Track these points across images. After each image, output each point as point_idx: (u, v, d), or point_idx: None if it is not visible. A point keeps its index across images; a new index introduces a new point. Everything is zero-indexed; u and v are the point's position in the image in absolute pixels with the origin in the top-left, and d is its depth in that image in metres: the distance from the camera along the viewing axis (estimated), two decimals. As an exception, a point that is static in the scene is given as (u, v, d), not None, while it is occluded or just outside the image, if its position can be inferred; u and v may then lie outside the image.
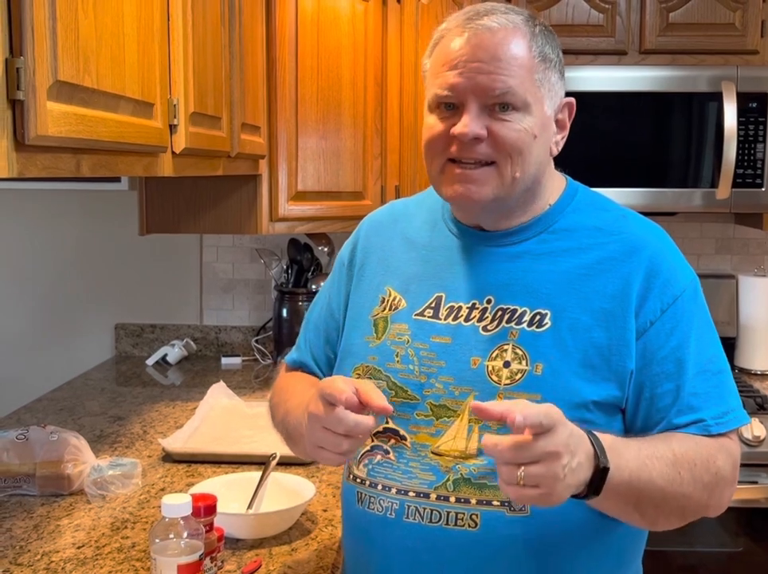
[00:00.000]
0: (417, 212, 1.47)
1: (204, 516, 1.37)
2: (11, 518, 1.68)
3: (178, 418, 2.37)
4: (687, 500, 1.22)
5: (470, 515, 1.24)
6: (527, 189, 1.30)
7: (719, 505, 1.27)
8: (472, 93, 1.24)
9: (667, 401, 1.24)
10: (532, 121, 1.26)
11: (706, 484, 1.22)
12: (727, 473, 1.25)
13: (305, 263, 2.96)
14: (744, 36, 2.66)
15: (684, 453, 1.20)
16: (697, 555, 2.46)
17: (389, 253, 1.43)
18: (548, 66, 1.28)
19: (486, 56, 1.24)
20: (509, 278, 1.30)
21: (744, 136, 2.57)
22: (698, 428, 1.24)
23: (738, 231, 3.10)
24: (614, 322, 1.25)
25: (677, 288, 1.27)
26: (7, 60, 1.01)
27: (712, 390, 1.26)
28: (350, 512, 1.38)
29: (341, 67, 2.62)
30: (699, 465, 1.21)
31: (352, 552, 1.42)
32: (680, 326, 1.26)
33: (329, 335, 1.49)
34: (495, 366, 1.26)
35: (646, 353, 1.25)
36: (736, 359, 2.91)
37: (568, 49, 2.70)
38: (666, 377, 1.25)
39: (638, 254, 1.28)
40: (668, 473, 1.18)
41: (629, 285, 1.26)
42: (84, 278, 3.17)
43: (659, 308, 1.26)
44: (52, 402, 2.51)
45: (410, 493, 1.27)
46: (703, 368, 1.26)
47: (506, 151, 1.25)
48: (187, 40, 1.69)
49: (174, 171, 1.67)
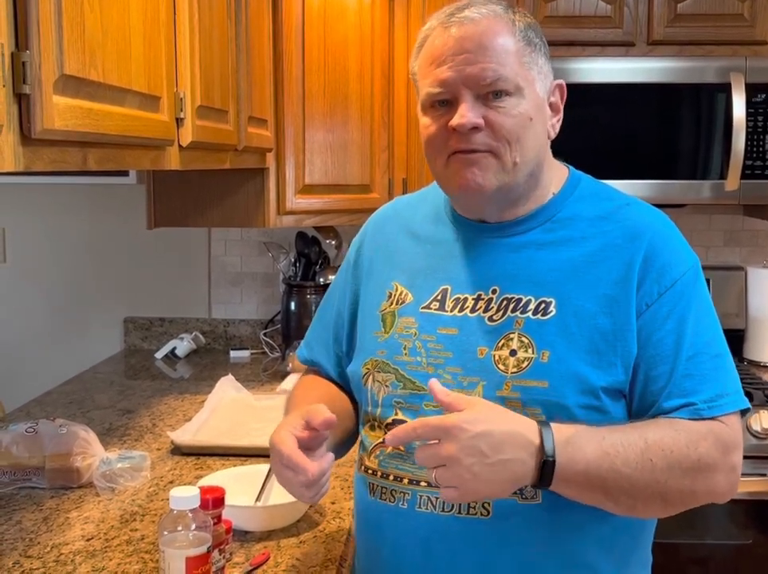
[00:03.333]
0: (420, 207, 1.48)
1: (212, 509, 1.37)
2: (21, 511, 1.69)
3: (187, 411, 2.37)
4: (664, 486, 1.19)
5: (482, 503, 1.24)
6: (530, 174, 1.30)
7: (711, 492, 1.23)
8: (463, 85, 1.25)
9: (660, 384, 1.24)
10: (527, 104, 1.27)
11: (685, 470, 1.19)
12: (714, 459, 1.21)
13: (313, 256, 2.96)
14: (753, 26, 2.64)
15: (659, 440, 1.19)
16: (706, 547, 2.46)
17: (394, 249, 1.44)
18: (534, 49, 1.29)
19: (472, 46, 1.25)
20: (513, 268, 1.31)
21: (753, 127, 2.55)
22: (688, 412, 1.22)
23: (747, 223, 3.08)
24: (618, 308, 1.25)
25: (676, 272, 1.27)
26: (13, 55, 1.01)
27: (708, 373, 1.25)
28: (362, 503, 1.39)
29: (348, 60, 2.62)
30: (675, 452, 1.18)
31: (364, 543, 1.43)
32: (677, 309, 1.25)
33: (337, 332, 1.51)
34: (501, 355, 1.26)
35: (642, 335, 1.25)
36: (745, 352, 2.90)
37: (575, 41, 2.70)
38: (661, 360, 1.24)
39: (639, 239, 1.28)
40: (636, 461, 1.16)
41: (631, 269, 1.26)
42: (92, 272, 3.18)
43: (656, 292, 1.26)
44: (62, 395, 2.52)
45: (422, 483, 1.28)
46: (699, 351, 1.25)
47: (504, 137, 1.25)
48: (194, 33, 1.68)
49: (181, 165, 1.67)
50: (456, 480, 1.11)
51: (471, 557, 1.26)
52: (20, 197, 3.14)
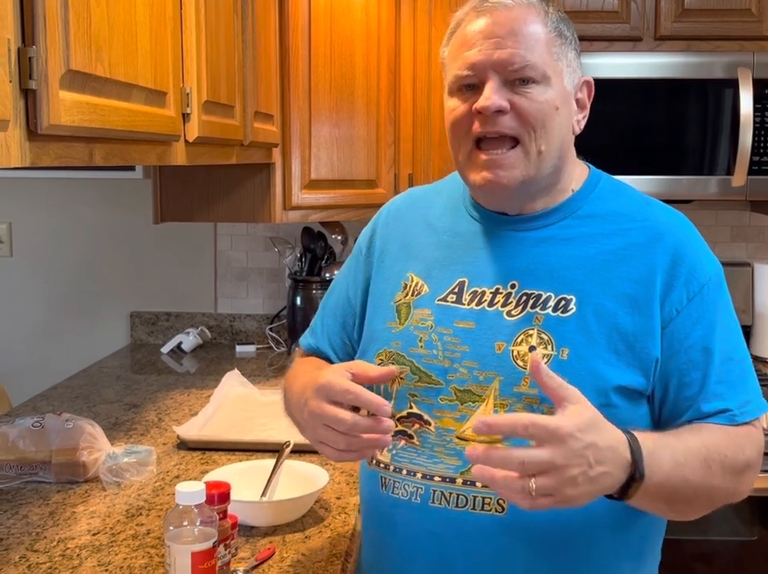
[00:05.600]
0: (436, 198, 1.47)
1: (218, 504, 1.37)
2: (27, 505, 1.69)
3: (193, 405, 2.38)
4: (718, 491, 1.23)
5: (497, 499, 1.24)
6: (553, 167, 1.30)
7: (746, 492, 1.28)
8: (491, 69, 1.25)
9: (694, 389, 1.25)
10: (553, 93, 1.27)
11: (735, 474, 1.22)
12: (755, 462, 1.26)
13: (319, 251, 2.96)
14: (760, 22, 2.63)
15: (716, 445, 1.21)
16: (711, 543, 2.46)
17: (410, 239, 1.43)
18: (564, 42, 1.30)
19: (503, 31, 1.25)
20: (533, 263, 1.31)
21: (760, 123, 2.55)
22: (725, 418, 1.24)
23: (754, 219, 3.08)
24: (638, 308, 1.25)
25: (703, 276, 1.27)
26: (20, 50, 1.01)
27: (737, 379, 1.27)
28: (372, 497, 1.38)
29: (354, 55, 2.61)
30: (729, 457, 1.21)
31: (372, 538, 1.42)
32: (706, 315, 1.26)
33: (345, 320, 1.50)
34: (520, 351, 1.26)
35: (673, 342, 1.25)
36: (751, 348, 2.90)
37: (582, 36, 2.65)
38: (693, 366, 1.25)
39: (663, 241, 1.28)
40: (701, 470, 1.18)
41: (654, 272, 1.26)
42: (99, 267, 3.19)
43: (685, 297, 1.26)
44: (68, 389, 2.53)
45: (436, 478, 1.27)
46: (729, 357, 1.27)
47: (530, 123, 1.25)
48: (200, 28, 1.68)
49: (187, 160, 1.67)
50: (556, 489, 1.04)
51: (484, 554, 1.26)
52: (26, 191, 3.15)
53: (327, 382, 1.19)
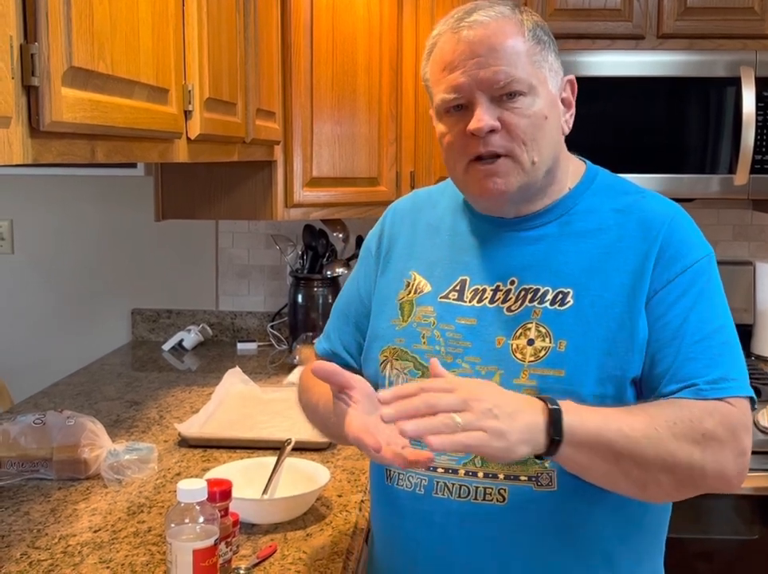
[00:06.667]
0: (439, 199, 1.49)
1: (219, 502, 1.38)
2: (29, 502, 1.69)
3: (194, 403, 2.38)
4: (672, 458, 1.16)
5: (498, 490, 1.26)
6: (548, 170, 1.32)
7: (721, 472, 1.20)
8: (477, 89, 1.26)
9: (663, 366, 1.24)
10: (541, 103, 1.28)
11: (692, 443, 1.16)
12: (721, 437, 1.19)
13: (320, 249, 2.96)
14: (763, 20, 2.62)
15: (662, 413, 1.18)
16: (712, 542, 2.45)
17: (413, 239, 1.46)
18: (543, 47, 1.30)
19: (483, 50, 1.26)
20: (532, 260, 1.33)
21: (762, 122, 2.54)
22: (690, 392, 1.21)
23: (756, 218, 3.07)
24: (634, 296, 1.26)
25: (687, 260, 1.28)
26: (22, 47, 1.01)
27: (714, 358, 1.23)
28: (379, 489, 1.41)
29: (356, 52, 2.61)
30: (679, 424, 1.17)
31: (381, 528, 1.44)
32: (686, 296, 1.26)
33: (359, 321, 1.51)
34: (519, 344, 1.28)
35: (650, 320, 1.25)
36: (753, 347, 2.90)
37: (585, 34, 2.69)
38: (665, 343, 1.24)
39: (655, 229, 1.29)
40: (642, 429, 1.15)
41: (647, 259, 1.27)
42: (100, 264, 3.19)
43: (665, 278, 1.26)
44: (69, 386, 2.53)
45: (439, 469, 1.29)
46: (705, 337, 1.24)
47: (519, 138, 1.27)
48: (202, 25, 1.68)
49: (189, 157, 1.67)
50: (479, 420, 1.06)
51: (487, 543, 1.28)
52: (28, 188, 3.15)
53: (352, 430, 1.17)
